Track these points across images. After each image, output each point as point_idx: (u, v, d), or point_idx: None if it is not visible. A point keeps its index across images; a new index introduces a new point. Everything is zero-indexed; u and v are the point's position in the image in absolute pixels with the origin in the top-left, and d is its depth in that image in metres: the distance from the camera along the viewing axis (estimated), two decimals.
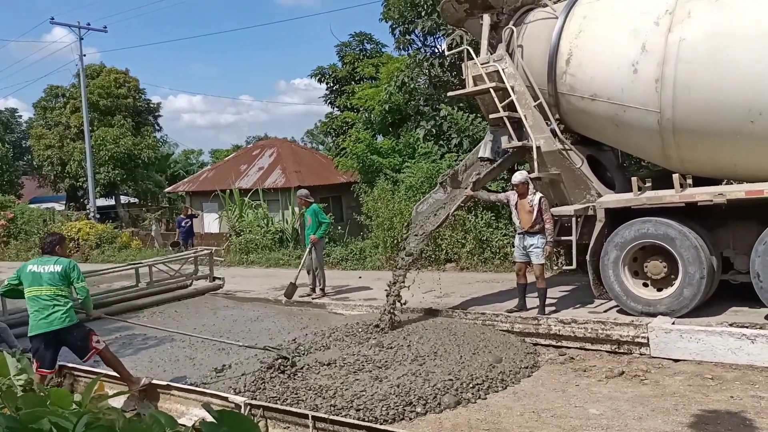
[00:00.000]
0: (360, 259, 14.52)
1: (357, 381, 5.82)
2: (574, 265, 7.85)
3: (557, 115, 8.25)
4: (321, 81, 21.85)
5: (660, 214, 7.09)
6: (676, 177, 6.99)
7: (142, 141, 32.34)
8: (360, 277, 12.45)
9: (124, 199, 36.28)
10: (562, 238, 8.04)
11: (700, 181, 7.21)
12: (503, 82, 8.26)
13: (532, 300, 8.10)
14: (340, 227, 17.94)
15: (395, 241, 13.05)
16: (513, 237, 11.89)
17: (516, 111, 8.20)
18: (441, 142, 15.06)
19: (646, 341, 6.61)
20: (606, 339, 6.92)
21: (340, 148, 17.89)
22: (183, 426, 1.66)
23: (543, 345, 7.29)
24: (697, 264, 6.75)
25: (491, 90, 8.28)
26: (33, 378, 3.44)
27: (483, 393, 5.72)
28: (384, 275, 10.33)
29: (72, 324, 5.43)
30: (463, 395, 5.62)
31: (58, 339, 5.40)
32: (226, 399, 4.47)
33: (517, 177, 7.82)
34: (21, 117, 44.13)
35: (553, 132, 8.14)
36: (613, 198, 7.70)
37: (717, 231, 7.13)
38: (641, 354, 6.65)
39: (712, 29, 6.58)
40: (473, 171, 8.80)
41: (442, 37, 15.97)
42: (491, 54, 8.53)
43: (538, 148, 8.04)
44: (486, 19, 8.65)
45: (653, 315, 6.97)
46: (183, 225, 17.74)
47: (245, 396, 5.29)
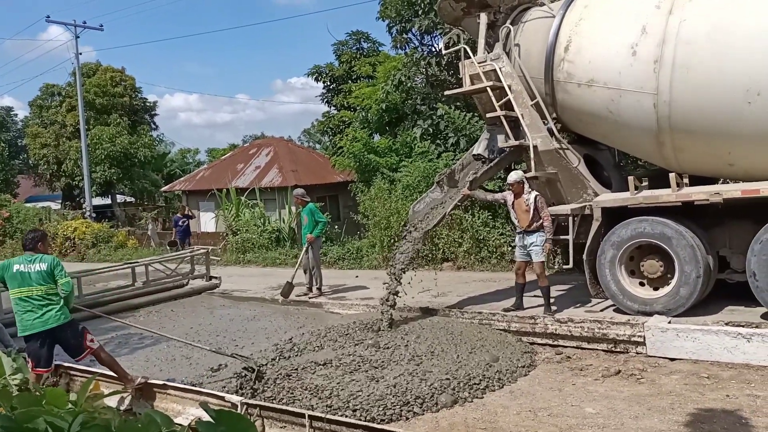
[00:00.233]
0: (357, 259, 14.53)
1: (353, 381, 5.80)
2: (570, 264, 7.86)
3: (554, 114, 8.26)
4: (318, 80, 21.80)
5: (656, 213, 7.11)
6: (672, 176, 7.01)
7: (138, 140, 32.27)
8: (357, 277, 12.45)
9: (120, 198, 36.21)
10: (559, 237, 8.05)
11: (696, 181, 7.22)
12: (500, 80, 8.26)
13: (529, 300, 8.12)
14: (337, 226, 17.92)
15: (392, 241, 13.05)
16: (510, 236, 11.98)
17: (513, 110, 8.21)
18: (438, 141, 15.05)
19: (642, 340, 6.63)
20: (602, 338, 6.93)
21: (337, 147, 17.85)
22: (179, 425, 1.65)
23: (540, 344, 7.30)
24: (694, 263, 6.76)
25: (488, 89, 8.29)
26: (29, 377, 3.43)
27: (480, 392, 5.73)
28: (381, 274, 10.32)
29: (67, 321, 5.44)
30: (460, 394, 5.62)
31: (53, 337, 5.39)
32: (222, 398, 4.46)
33: (513, 176, 7.83)
34: (17, 115, 44.16)
35: (550, 131, 8.16)
36: (610, 197, 7.71)
37: (713, 230, 7.15)
38: (638, 353, 6.66)
39: (713, 10, 6.59)
40: (470, 170, 8.80)
41: (439, 36, 15.97)
42: (488, 53, 8.54)
43: (534, 147, 8.05)
44: (483, 18, 8.65)
45: (650, 314, 6.98)
46: (180, 224, 17.69)
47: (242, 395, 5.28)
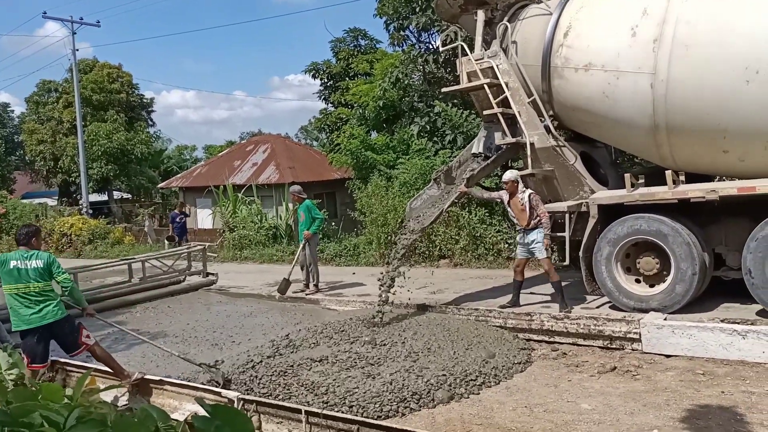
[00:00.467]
0: (354, 255, 14.53)
1: (350, 378, 5.81)
2: (567, 261, 7.88)
3: (551, 112, 8.27)
4: (315, 77, 21.77)
5: (653, 210, 7.12)
6: (669, 174, 7.02)
7: (135, 136, 32.19)
8: (354, 273, 12.45)
9: (117, 195, 36.10)
10: (555, 234, 8.06)
11: (692, 178, 7.24)
12: (497, 78, 8.27)
13: (525, 297, 8.14)
14: (334, 223, 17.92)
15: (389, 238, 13.06)
16: (506, 233, 12.01)
17: (510, 107, 8.21)
18: (435, 138, 15.05)
19: (638, 337, 6.64)
20: (598, 335, 6.95)
21: (334, 144, 17.83)
22: (175, 420, 1.66)
23: (536, 340, 7.31)
24: (690, 260, 6.78)
25: (485, 86, 8.29)
26: (24, 373, 3.43)
27: (476, 388, 5.74)
28: (378, 271, 10.32)
29: (64, 317, 5.45)
30: (457, 390, 5.63)
31: (49, 332, 5.40)
32: (219, 394, 4.46)
33: (507, 175, 7.83)
34: (13, 112, 43.95)
35: (547, 128, 8.17)
36: (606, 194, 7.73)
37: (709, 228, 7.17)
38: (633, 349, 6.68)
39: None
40: (467, 167, 8.81)
41: (436, 34, 15.96)
42: (485, 50, 8.55)
43: (531, 144, 8.06)
44: (480, 15, 8.66)
45: (645, 311, 7.00)
46: (177, 221, 17.66)
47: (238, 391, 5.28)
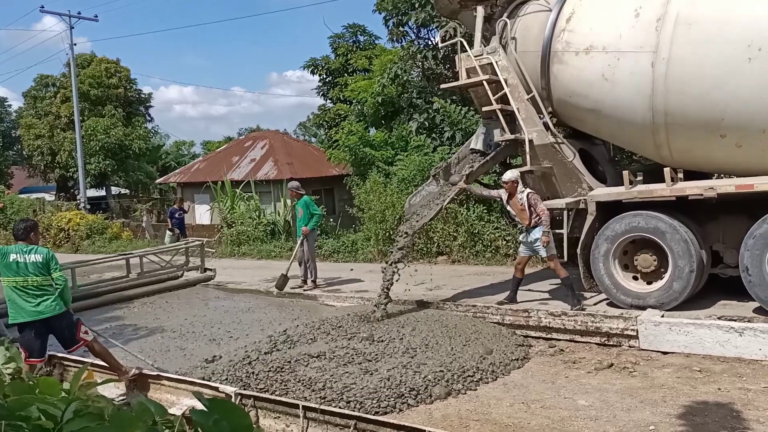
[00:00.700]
0: (352, 252, 14.53)
1: (347, 374, 5.82)
2: (565, 258, 7.87)
3: (550, 109, 8.26)
4: (314, 73, 21.75)
5: (651, 207, 7.13)
6: (667, 171, 7.03)
7: (133, 131, 32.13)
8: (352, 270, 12.45)
9: (114, 190, 36.06)
10: (553, 231, 8.05)
11: (690, 176, 7.24)
12: (496, 74, 8.25)
13: (523, 294, 8.15)
14: (332, 219, 17.91)
15: (387, 234, 13.06)
16: (505, 230, 12.00)
17: (509, 104, 8.20)
18: (434, 135, 15.04)
19: (635, 334, 6.66)
20: (596, 331, 6.96)
21: (332, 140, 17.82)
22: (173, 415, 1.65)
23: (533, 337, 7.33)
24: (687, 257, 6.79)
25: (484, 82, 8.27)
26: (22, 367, 3.42)
27: (474, 384, 5.76)
28: (376, 268, 10.32)
29: (61, 312, 5.43)
30: (454, 386, 5.65)
31: (47, 327, 5.39)
32: (216, 389, 4.47)
33: (507, 176, 7.81)
34: (10, 106, 43.74)
35: (546, 125, 8.15)
36: (605, 191, 7.73)
37: (707, 225, 7.18)
38: (630, 346, 6.69)
39: None
40: (466, 164, 8.80)
41: (435, 30, 15.93)
42: (485, 46, 8.52)
43: (530, 141, 8.04)
44: (480, 11, 8.63)
45: (643, 308, 7.01)
46: (177, 216, 17.66)
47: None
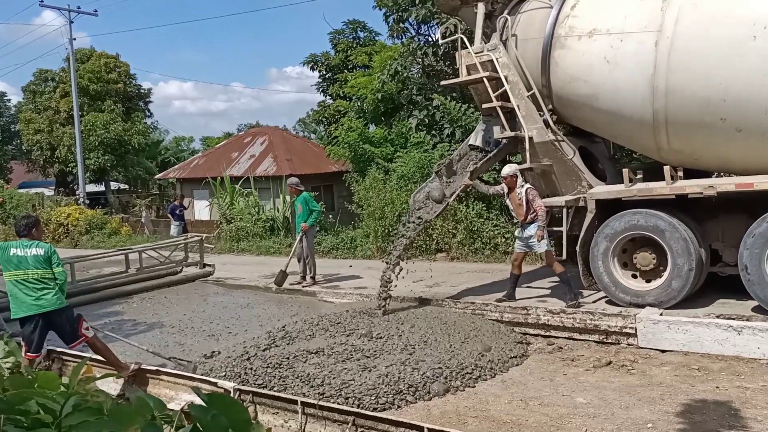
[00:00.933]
0: (351, 248, 14.53)
1: (345, 370, 5.81)
2: (564, 256, 7.88)
3: (550, 106, 8.25)
4: (313, 69, 21.67)
5: (650, 205, 7.13)
6: (666, 169, 7.03)
7: (132, 127, 32.12)
8: (351, 266, 12.46)
9: (114, 185, 36.05)
10: (553, 228, 8.07)
11: (690, 174, 7.24)
12: (497, 71, 8.23)
13: (522, 291, 8.16)
14: (331, 216, 17.91)
15: (386, 231, 13.05)
16: (504, 228, 12.02)
17: (509, 101, 8.19)
18: (433, 131, 15.02)
19: (633, 332, 6.67)
20: (594, 329, 6.97)
21: (332, 136, 17.80)
22: (172, 410, 1.65)
23: (532, 334, 7.34)
24: (686, 256, 6.80)
25: (485, 79, 8.25)
26: (21, 361, 3.42)
27: (472, 381, 5.76)
28: (375, 264, 10.33)
29: (62, 306, 5.41)
30: (452, 383, 5.65)
31: (47, 322, 5.37)
32: (215, 384, 4.47)
33: (506, 170, 7.81)
34: (10, 101, 43.75)
35: (546, 122, 8.15)
36: (604, 189, 7.73)
37: (706, 223, 7.18)
38: (629, 344, 6.70)
39: None
40: (468, 160, 8.79)
41: (436, 26, 15.88)
42: (485, 43, 8.51)
43: (530, 138, 8.04)
44: (480, 8, 8.61)
45: (641, 306, 7.03)
46: (177, 213, 17.68)
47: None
